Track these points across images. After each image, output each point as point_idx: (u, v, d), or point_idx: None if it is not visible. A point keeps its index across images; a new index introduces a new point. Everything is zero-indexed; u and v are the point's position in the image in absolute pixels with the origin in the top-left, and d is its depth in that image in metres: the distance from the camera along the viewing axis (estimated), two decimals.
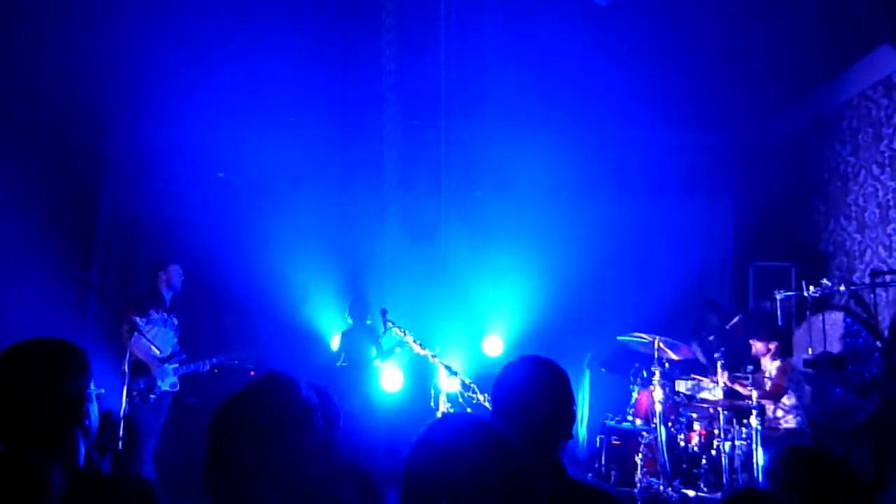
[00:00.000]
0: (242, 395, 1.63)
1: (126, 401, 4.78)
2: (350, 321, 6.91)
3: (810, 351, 6.36)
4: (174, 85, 6.93)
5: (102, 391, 1.98)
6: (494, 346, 7.84)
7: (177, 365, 5.72)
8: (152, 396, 5.50)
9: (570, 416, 2.07)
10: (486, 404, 5.12)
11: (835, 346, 6.43)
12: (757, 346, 6.24)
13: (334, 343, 7.37)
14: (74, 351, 1.82)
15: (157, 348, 5.43)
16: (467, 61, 6.63)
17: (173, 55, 6.48)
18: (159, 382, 5.54)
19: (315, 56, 6.65)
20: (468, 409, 5.55)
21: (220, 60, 6.61)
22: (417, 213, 7.95)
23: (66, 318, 6.60)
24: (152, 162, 8.01)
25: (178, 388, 5.78)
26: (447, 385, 5.52)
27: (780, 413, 5.99)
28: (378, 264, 7.46)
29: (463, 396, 5.59)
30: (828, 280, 6.29)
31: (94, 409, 1.83)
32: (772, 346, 6.19)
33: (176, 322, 5.91)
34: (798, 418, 5.95)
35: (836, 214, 7.35)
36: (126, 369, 4.85)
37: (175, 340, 5.85)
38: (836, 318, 6.55)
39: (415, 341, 5.62)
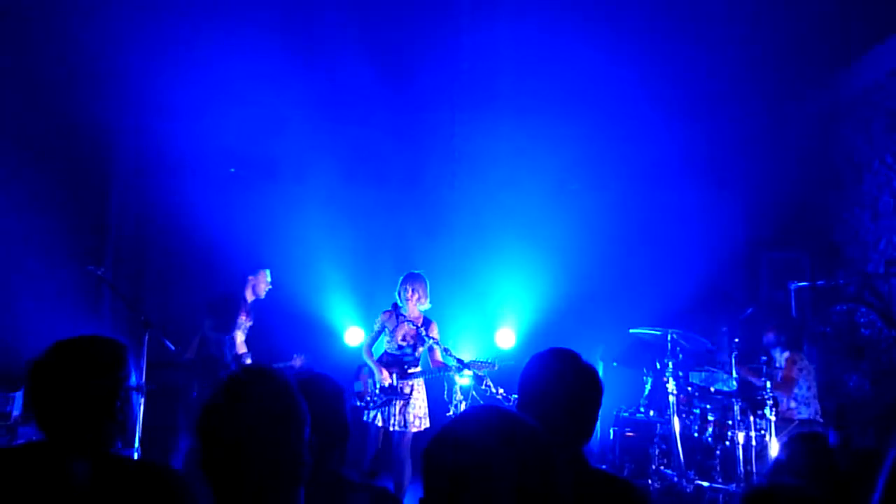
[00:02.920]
0: (222, 391, 1.67)
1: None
2: (401, 304, 5.61)
3: (825, 341, 6.33)
4: (183, 78, 6.94)
5: (142, 385, 2.07)
6: (507, 339, 7.85)
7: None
8: None
9: (597, 412, 2.12)
10: (500, 397, 5.13)
11: (850, 337, 6.40)
12: (767, 336, 6.23)
13: (351, 336, 7.20)
14: (114, 348, 1.95)
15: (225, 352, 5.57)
16: (479, 54, 6.61)
17: (182, 49, 6.50)
18: None
19: (325, 49, 6.64)
20: (481, 402, 5.56)
21: (229, 53, 6.61)
22: (430, 206, 7.95)
23: (79, 312, 6.64)
24: (162, 156, 8.04)
25: None
26: (460, 378, 5.53)
27: (793, 404, 5.97)
28: (390, 258, 7.45)
29: (476, 389, 5.60)
30: (842, 270, 6.25)
31: (132, 404, 1.94)
32: (782, 337, 6.17)
33: (248, 326, 6.02)
34: (812, 409, 5.93)
35: (849, 204, 7.30)
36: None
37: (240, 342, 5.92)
38: (850, 309, 6.52)
39: (448, 353, 5.58)
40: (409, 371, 5.55)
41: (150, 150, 8.06)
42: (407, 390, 5.48)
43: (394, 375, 5.49)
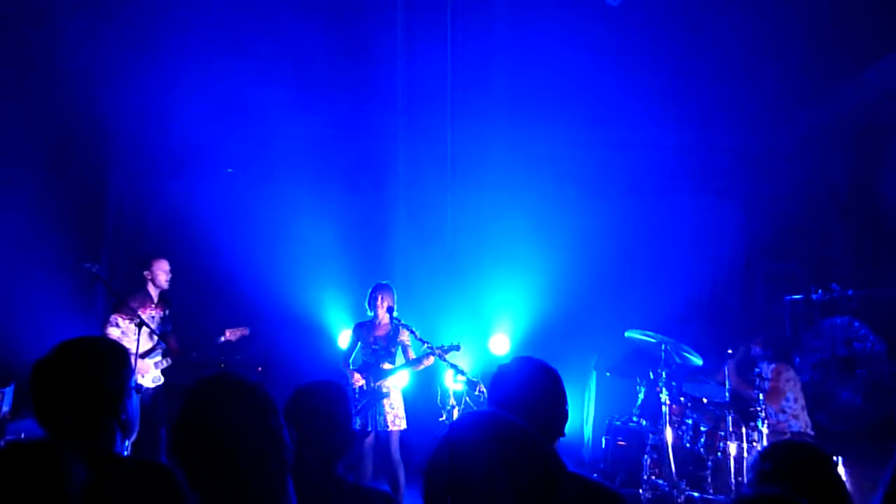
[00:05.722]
0: (192, 401, 1.72)
1: None
2: (371, 313, 5.89)
3: (818, 354, 6.33)
4: (181, 80, 6.94)
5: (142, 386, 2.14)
6: (501, 345, 7.84)
7: (158, 359, 5.71)
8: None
9: (562, 416, 2.22)
10: None
11: (842, 350, 6.41)
12: (755, 349, 6.22)
13: (345, 339, 7.16)
14: (116, 349, 2.01)
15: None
16: (475, 60, 6.61)
17: (179, 51, 6.50)
18: (138, 379, 5.46)
19: (323, 54, 6.65)
20: (474, 408, 5.55)
21: (226, 56, 6.62)
22: (425, 211, 7.95)
23: (74, 312, 6.63)
24: (160, 157, 8.04)
25: (161, 381, 5.71)
26: (453, 384, 5.52)
27: (782, 416, 5.97)
28: (386, 263, 7.45)
29: (469, 395, 5.60)
30: (836, 283, 6.27)
31: (133, 405, 1.99)
32: (769, 349, 6.15)
33: (160, 317, 5.86)
34: (801, 421, 5.93)
35: (845, 218, 7.32)
36: None
37: (157, 336, 5.67)
38: (843, 322, 6.53)
39: (422, 340, 5.61)
40: (384, 368, 5.71)
41: (147, 151, 8.06)
42: (385, 389, 5.63)
43: (370, 378, 5.66)
